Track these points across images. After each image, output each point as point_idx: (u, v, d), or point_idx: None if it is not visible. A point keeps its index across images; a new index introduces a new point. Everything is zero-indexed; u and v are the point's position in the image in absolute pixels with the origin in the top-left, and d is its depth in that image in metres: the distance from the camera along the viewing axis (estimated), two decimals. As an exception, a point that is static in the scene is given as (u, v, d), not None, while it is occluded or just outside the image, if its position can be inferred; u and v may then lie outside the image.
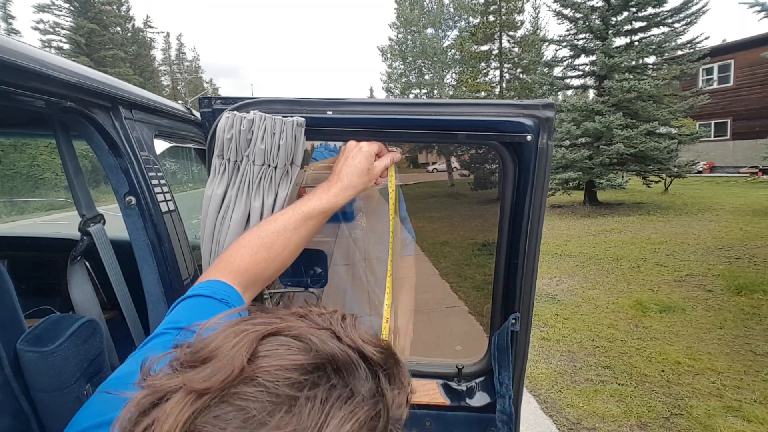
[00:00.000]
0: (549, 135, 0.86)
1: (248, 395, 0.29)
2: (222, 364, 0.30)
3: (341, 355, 0.33)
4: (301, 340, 0.34)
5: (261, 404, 0.29)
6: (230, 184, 0.84)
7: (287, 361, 0.31)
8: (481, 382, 1.08)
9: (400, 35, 25.68)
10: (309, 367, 0.32)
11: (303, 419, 0.28)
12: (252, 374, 0.30)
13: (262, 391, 0.29)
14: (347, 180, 0.82)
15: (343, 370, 0.33)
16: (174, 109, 1.34)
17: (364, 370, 0.34)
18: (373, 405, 0.32)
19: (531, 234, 0.93)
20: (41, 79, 0.76)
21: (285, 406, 0.29)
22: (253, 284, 0.74)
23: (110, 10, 38.08)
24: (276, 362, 0.31)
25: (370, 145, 0.86)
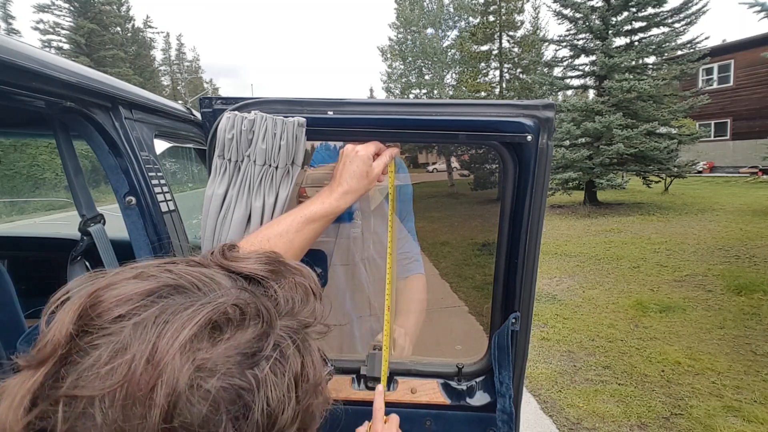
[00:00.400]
0: (549, 135, 0.87)
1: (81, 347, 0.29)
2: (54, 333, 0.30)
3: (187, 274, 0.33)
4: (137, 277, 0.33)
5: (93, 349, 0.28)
6: (231, 184, 0.85)
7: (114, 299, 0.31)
8: (481, 381, 1.08)
9: (400, 35, 25.68)
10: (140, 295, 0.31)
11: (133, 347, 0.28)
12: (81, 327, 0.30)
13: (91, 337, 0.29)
14: (347, 185, 0.83)
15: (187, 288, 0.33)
16: (174, 109, 1.34)
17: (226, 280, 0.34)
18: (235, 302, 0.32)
19: (531, 234, 0.93)
20: (41, 79, 0.76)
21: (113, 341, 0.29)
22: None
23: (110, 10, 38.08)
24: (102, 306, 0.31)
25: (366, 148, 0.86)
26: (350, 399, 1.03)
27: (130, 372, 0.27)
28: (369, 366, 1.03)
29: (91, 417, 0.27)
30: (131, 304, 0.30)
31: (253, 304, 0.33)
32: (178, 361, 0.28)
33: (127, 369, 0.27)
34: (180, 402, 0.27)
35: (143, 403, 0.27)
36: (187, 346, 0.29)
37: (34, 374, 0.29)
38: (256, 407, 0.29)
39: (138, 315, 0.30)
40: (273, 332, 0.33)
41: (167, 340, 0.28)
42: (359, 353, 1.22)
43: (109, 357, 0.28)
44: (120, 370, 0.27)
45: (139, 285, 0.32)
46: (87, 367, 0.28)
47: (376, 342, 1.07)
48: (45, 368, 0.29)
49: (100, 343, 0.29)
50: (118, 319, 0.30)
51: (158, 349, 0.28)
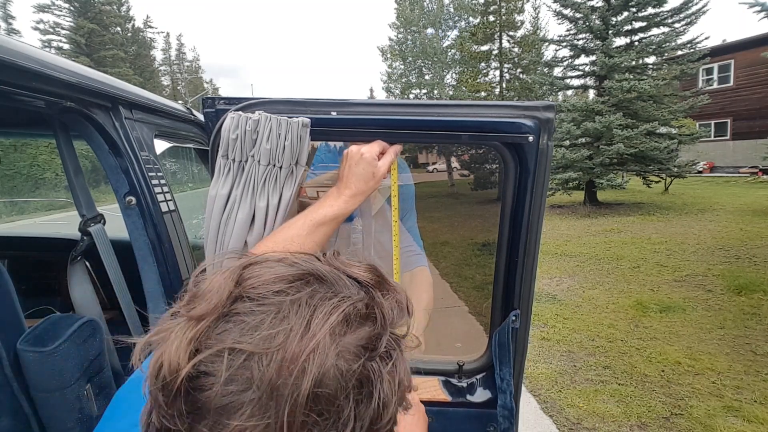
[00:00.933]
0: (549, 135, 0.87)
1: (239, 309, 0.34)
2: (213, 293, 0.35)
3: (322, 268, 0.38)
4: (282, 261, 0.39)
5: (253, 315, 0.33)
6: (235, 184, 0.85)
7: (270, 276, 0.36)
8: (482, 378, 1.09)
9: (400, 35, 25.68)
10: (291, 277, 0.36)
11: (291, 318, 0.33)
12: (240, 293, 0.35)
13: (251, 304, 0.34)
14: (355, 187, 0.84)
15: (326, 279, 0.37)
16: (174, 109, 1.34)
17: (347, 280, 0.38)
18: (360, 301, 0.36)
19: (531, 233, 0.94)
20: (41, 79, 0.76)
21: (274, 311, 0.33)
22: None
23: (110, 10, 38.09)
24: (259, 280, 0.36)
25: (371, 149, 0.86)
26: None
27: (288, 340, 0.31)
28: None
29: (249, 369, 0.31)
30: (286, 284, 0.35)
31: (372, 308, 0.37)
32: (327, 339, 0.32)
33: (285, 337, 0.32)
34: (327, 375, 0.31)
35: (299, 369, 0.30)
36: (335, 329, 0.33)
37: (195, 325, 0.33)
38: (375, 397, 0.33)
39: (293, 294, 0.34)
40: (385, 335, 0.36)
41: (319, 321, 0.33)
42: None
43: (271, 323, 0.32)
44: (279, 337, 0.32)
45: (288, 269, 0.37)
46: (250, 328, 0.32)
47: None
48: (206, 322, 0.33)
49: (261, 310, 0.33)
50: (278, 293, 0.34)
51: (311, 327, 0.32)
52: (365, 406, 0.33)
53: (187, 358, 0.31)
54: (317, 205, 0.84)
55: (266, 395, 0.30)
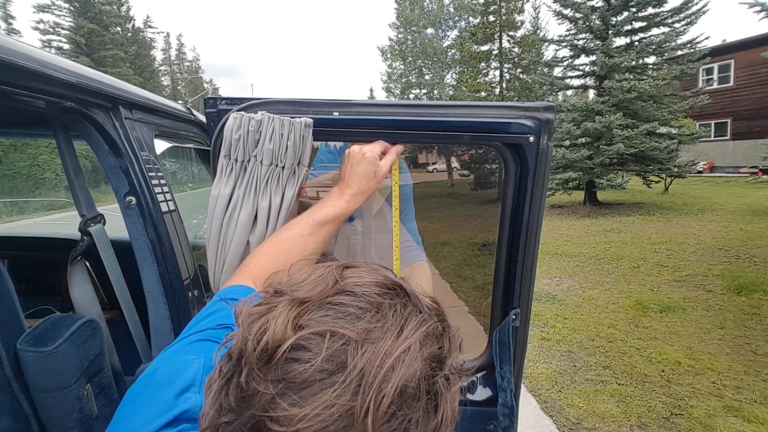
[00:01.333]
0: (549, 136, 0.88)
1: (342, 301, 0.37)
2: (318, 281, 0.38)
3: (407, 285, 0.41)
4: (376, 270, 0.42)
5: (354, 307, 0.36)
6: (237, 183, 0.85)
7: (370, 279, 0.39)
8: (482, 377, 1.10)
9: (400, 35, 25.68)
10: (387, 285, 0.39)
11: (389, 319, 0.36)
12: (343, 288, 0.38)
13: (354, 298, 0.37)
14: (357, 186, 0.85)
15: (410, 296, 0.40)
16: (174, 109, 1.34)
17: (426, 307, 0.41)
18: (439, 324, 0.39)
19: (531, 232, 0.94)
20: (41, 79, 0.76)
21: (374, 309, 0.36)
22: None
23: (110, 10, 38.09)
24: (361, 280, 0.39)
25: (373, 149, 0.86)
26: None
27: (384, 336, 0.34)
28: None
29: (345, 353, 0.33)
30: (383, 289, 0.38)
31: (443, 331, 0.40)
32: (417, 346, 0.35)
33: (382, 333, 0.34)
34: (411, 377, 0.33)
35: (387, 363, 0.33)
36: (423, 339, 0.36)
37: (299, 306, 0.36)
38: (438, 411, 0.35)
39: (390, 299, 0.38)
40: (449, 359, 0.39)
41: (411, 328, 0.36)
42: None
43: (371, 319, 0.35)
44: (377, 332, 0.35)
45: (383, 278, 0.40)
46: (352, 318, 0.35)
47: None
48: (308, 305, 0.36)
49: (363, 305, 0.36)
50: (377, 295, 0.37)
51: (404, 331, 0.35)
52: (430, 417, 0.35)
53: (292, 331, 0.34)
54: (319, 205, 0.85)
55: (356, 380, 0.32)
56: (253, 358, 0.34)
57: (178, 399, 0.47)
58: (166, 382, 0.49)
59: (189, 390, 0.48)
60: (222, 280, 0.87)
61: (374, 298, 0.37)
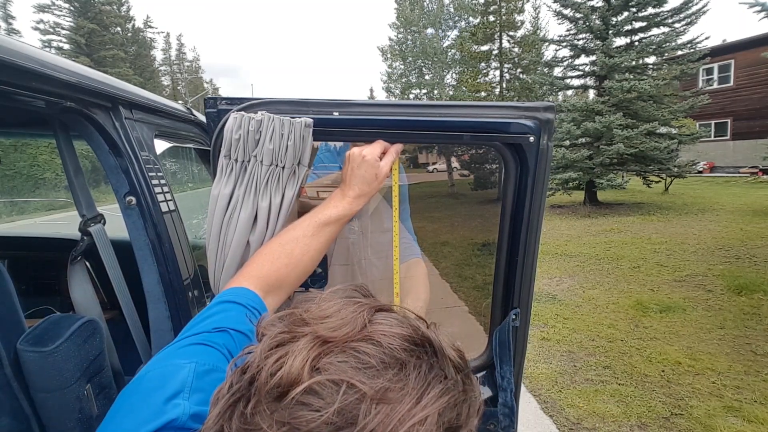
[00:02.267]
0: (549, 136, 0.88)
1: (366, 350, 0.34)
2: (345, 321, 0.36)
3: (436, 341, 0.37)
4: (406, 319, 0.39)
5: (376, 359, 0.33)
6: (237, 184, 0.85)
7: (399, 330, 0.36)
8: (482, 377, 1.10)
9: (400, 35, 25.67)
10: (415, 340, 0.36)
11: (410, 381, 0.33)
12: (370, 335, 0.35)
13: (379, 349, 0.34)
14: (359, 189, 0.85)
15: (438, 355, 0.37)
16: (174, 109, 1.34)
17: (451, 364, 0.38)
18: (462, 393, 0.36)
19: (531, 232, 0.95)
20: (41, 79, 0.76)
21: (397, 367, 0.33)
22: (278, 289, 0.78)
23: (110, 10, 38.09)
24: (389, 330, 0.36)
25: (372, 151, 0.86)
26: None
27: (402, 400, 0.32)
28: None
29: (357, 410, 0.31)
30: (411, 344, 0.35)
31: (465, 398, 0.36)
32: (435, 418, 0.32)
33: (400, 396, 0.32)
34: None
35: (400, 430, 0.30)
36: (442, 411, 0.33)
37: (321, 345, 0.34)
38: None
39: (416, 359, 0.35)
40: (464, 429, 0.36)
41: (432, 397, 0.33)
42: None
43: (392, 377, 0.33)
44: (395, 393, 0.32)
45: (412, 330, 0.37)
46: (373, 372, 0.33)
47: None
48: (330, 346, 0.34)
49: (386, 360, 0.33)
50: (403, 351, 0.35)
51: (423, 399, 0.32)
52: None
53: (309, 374, 0.32)
54: (322, 206, 0.85)
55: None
56: (264, 391, 0.32)
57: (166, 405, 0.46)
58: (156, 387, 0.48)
59: (178, 396, 0.47)
60: (222, 280, 0.87)
61: (400, 354, 0.34)
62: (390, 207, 1.03)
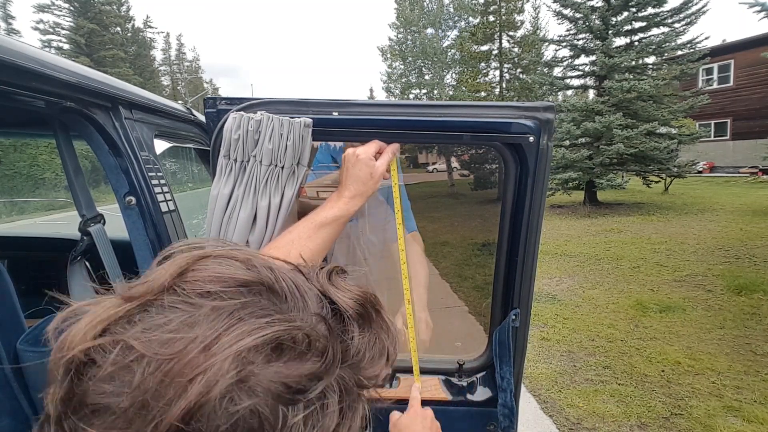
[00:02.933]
0: (549, 136, 0.88)
1: (165, 303, 0.30)
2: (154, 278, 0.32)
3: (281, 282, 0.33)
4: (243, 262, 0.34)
5: (167, 311, 0.29)
6: (237, 183, 0.85)
7: (212, 273, 0.32)
8: (482, 377, 1.10)
9: (400, 35, 25.67)
10: (234, 281, 0.32)
11: (200, 328, 0.28)
12: (176, 283, 0.31)
13: (176, 299, 0.30)
14: (354, 189, 0.85)
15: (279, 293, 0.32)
16: (174, 109, 1.34)
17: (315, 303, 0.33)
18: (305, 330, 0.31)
19: (531, 232, 0.95)
20: (41, 79, 0.76)
21: (186, 314, 0.29)
22: None
23: (110, 10, 38.08)
24: (201, 274, 0.32)
25: (366, 150, 0.87)
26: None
27: (184, 351, 0.27)
28: None
29: (132, 373, 0.27)
30: (222, 286, 0.31)
31: (323, 341, 0.32)
32: (228, 363, 0.27)
33: (183, 346, 0.27)
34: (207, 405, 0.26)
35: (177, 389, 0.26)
36: (243, 353, 0.28)
37: (117, 306, 0.30)
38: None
39: (221, 300, 0.30)
40: (326, 379, 0.31)
41: (230, 339, 0.28)
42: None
43: (177, 326, 0.28)
44: (178, 344, 0.27)
45: (239, 271, 0.32)
46: (156, 325, 0.29)
47: None
48: (129, 305, 0.30)
49: (179, 307, 0.30)
50: (205, 294, 0.30)
51: (218, 343, 0.28)
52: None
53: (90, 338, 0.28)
54: (319, 208, 0.85)
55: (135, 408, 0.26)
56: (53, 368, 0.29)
57: None
58: None
59: None
60: None
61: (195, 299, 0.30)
62: (390, 206, 1.03)
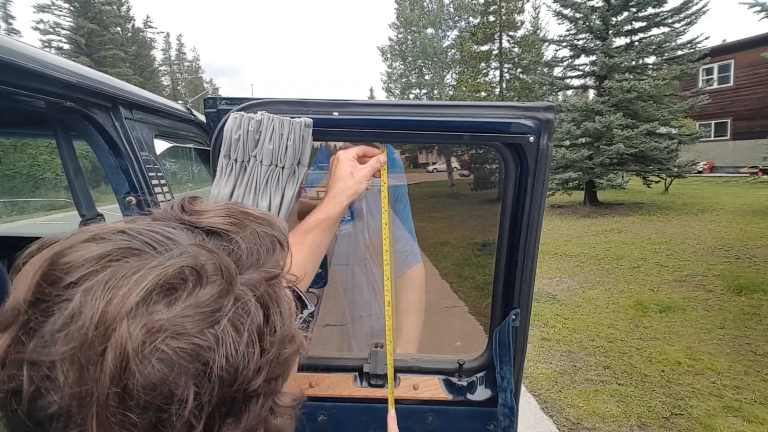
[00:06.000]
0: (549, 136, 0.88)
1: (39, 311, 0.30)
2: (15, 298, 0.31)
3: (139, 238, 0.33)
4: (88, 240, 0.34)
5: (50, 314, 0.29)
6: (237, 184, 0.85)
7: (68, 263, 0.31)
8: (482, 377, 1.10)
9: (400, 35, 25.70)
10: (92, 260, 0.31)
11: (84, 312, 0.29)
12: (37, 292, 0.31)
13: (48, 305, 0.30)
14: (335, 188, 0.86)
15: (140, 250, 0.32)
16: (174, 109, 1.34)
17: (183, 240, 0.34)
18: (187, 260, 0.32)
19: (531, 232, 0.94)
20: (41, 79, 0.76)
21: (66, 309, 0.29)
22: None
23: (110, 10, 38.09)
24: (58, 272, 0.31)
25: (346, 151, 0.89)
26: (353, 396, 1.05)
27: (81, 337, 0.28)
28: (372, 363, 1.05)
29: (55, 380, 0.28)
30: (83, 270, 0.31)
31: (211, 262, 0.33)
32: (125, 325, 0.28)
33: (79, 334, 0.28)
34: (130, 365, 0.27)
35: (95, 367, 0.27)
36: (135, 310, 0.29)
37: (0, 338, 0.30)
38: (215, 364, 0.30)
39: (89, 281, 0.30)
40: (233, 289, 0.33)
41: (115, 306, 0.29)
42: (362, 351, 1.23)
43: (63, 323, 0.29)
44: (74, 336, 0.28)
45: (91, 249, 0.32)
46: (46, 333, 0.29)
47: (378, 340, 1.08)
48: (10, 333, 0.30)
49: (54, 309, 0.29)
50: (70, 286, 0.30)
51: (107, 315, 0.28)
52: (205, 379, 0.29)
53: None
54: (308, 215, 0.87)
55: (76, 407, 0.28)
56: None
57: None
58: None
59: None
60: None
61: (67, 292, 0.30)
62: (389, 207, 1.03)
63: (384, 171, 0.94)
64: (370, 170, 0.89)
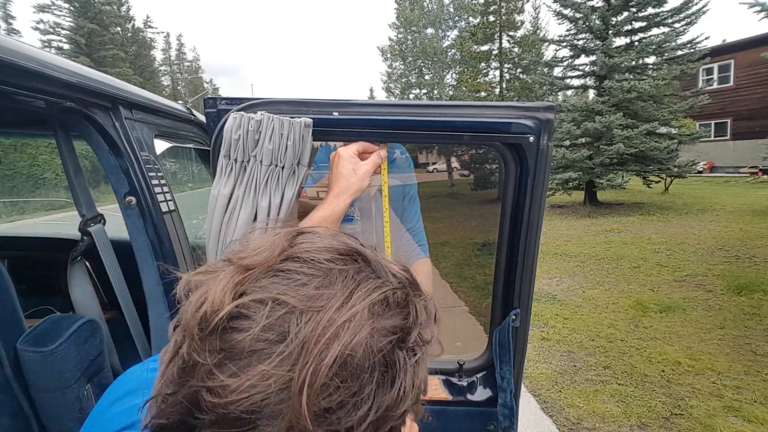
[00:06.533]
0: (549, 136, 0.88)
1: (289, 268, 0.35)
2: (265, 248, 0.37)
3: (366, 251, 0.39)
4: (333, 237, 0.40)
5: (301, 274, 0.35)
6: (237, 183, 0.85)
7: (323, 244, 0.38)
8: (482, 377, 1.10)
9: (400, 35, 25.69)
10: (342, 251, 0.37)
11: (336, 286, 0.34)
12: (292, 254, 0.36)
13: (302, 264, 0.35)
14: (337, 187, 0.86)
15: (371, 263, 0.38)
16: (174, 109, 1.34)
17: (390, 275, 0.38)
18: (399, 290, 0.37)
19: (531, 232, 0.94)
20: (41, 79, 0.76)
21: (321, 275, 0.35)
22: None
23: (110, 10, 38.08)
24: (312, 246, 0.37)
25: (347, 148, 0.88)
26: None
27: (329, 304, 0.32)
28: None
29: (287, 322, 0.32)
30: (336, 254, 0.37)
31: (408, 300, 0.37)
32: (365, 314, 0.33)
33: (327, 301, 0.33)
34: (356, 347, 0.31)
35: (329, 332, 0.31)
36: (372, 306, 0.34)
37: (244, 272, 0.35)
38: (396, 385, 0.33)
39: (343, 265, 0.36)
40: (414, 330, 0.36)
41: (360, 295, 0.34)
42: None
43: (318, 285, 0.34)
44: (322, 300, 0.33)
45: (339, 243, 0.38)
46: (297, 285, 0.34)
47: None
48: (255, 272, 0.35)
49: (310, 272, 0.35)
50: (328, 261, 0.36)
51: (352, 298, 0.33)
52: (385, 390, 0.33)
53: (231, 299, 0.33)
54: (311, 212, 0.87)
55: (297, 350, 0.31)
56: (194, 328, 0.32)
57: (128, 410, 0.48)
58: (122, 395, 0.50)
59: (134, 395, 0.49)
60: None
61: (324, 264, 0.35)
62: (395, 206, 1.03)
63: (384, 167, 0.94)
64: (371, 166, 0.89)
